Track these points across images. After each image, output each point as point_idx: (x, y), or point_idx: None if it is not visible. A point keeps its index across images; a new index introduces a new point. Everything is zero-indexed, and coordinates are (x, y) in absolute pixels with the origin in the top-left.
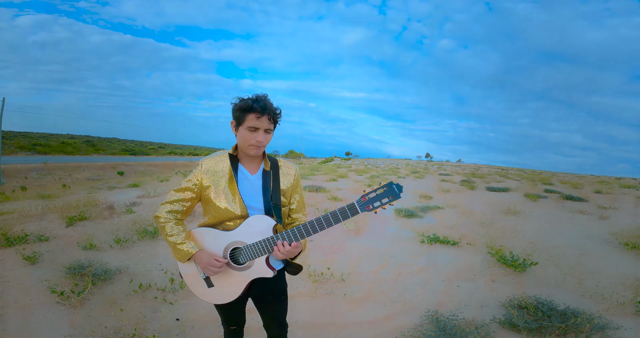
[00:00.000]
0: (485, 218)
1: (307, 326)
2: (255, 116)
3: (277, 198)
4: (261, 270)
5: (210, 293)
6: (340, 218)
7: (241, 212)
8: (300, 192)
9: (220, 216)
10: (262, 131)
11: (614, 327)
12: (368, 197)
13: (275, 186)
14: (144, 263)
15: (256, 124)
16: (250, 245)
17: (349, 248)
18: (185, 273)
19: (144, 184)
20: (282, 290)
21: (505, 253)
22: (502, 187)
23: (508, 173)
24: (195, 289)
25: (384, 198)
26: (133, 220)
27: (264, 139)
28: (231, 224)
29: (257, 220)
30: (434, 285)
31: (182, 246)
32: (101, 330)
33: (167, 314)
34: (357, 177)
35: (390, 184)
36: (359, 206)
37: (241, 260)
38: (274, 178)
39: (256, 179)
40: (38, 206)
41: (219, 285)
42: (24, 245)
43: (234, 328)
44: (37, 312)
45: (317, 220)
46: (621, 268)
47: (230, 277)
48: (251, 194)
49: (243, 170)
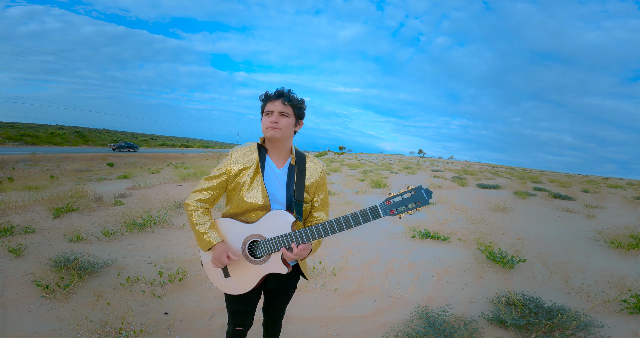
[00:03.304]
0: (475, 214)
1: (298, 320)
2: (270, 102)
3: (300, 193)
4: (276, 265)
5: (225, 283)
6: (360, 221)
7: (263, 204)
8: (325, 191)
9: (242, 207)
10: (276, 113)
11: (598, 325)
12: (393, 201)
13: (299, 181)
14: (132, 256)
15: (270, 107)
16: (268, 240)
17: (341, 243)
18: (205, 261)
19: (134, 176)
20: (293, 285)
21: (494, 249)
22: (492, 184)
23: (499, 170)
24: (213, 277)
25: (410, 203)
26: (122, 211)
27: (278, 120)
28: (253, 215)
29: (276, 215)
30: (424, 281)
31: (206, 237)
32: (87, 324)
33: (155, 308)
34: (350, 171)
35: (419, 188)
36: (381, 209)
37: (258, 254)
38: (299, 173)
39: (282, 173)
40: (25, 197)
41: (235, 275)
42: (9, 237)
43: (240, 329)
44: (22, 306)
45: (337, 221)
46: (607, 267)
47: (246, 269)
48: (276, 188)
49: (270, 162)
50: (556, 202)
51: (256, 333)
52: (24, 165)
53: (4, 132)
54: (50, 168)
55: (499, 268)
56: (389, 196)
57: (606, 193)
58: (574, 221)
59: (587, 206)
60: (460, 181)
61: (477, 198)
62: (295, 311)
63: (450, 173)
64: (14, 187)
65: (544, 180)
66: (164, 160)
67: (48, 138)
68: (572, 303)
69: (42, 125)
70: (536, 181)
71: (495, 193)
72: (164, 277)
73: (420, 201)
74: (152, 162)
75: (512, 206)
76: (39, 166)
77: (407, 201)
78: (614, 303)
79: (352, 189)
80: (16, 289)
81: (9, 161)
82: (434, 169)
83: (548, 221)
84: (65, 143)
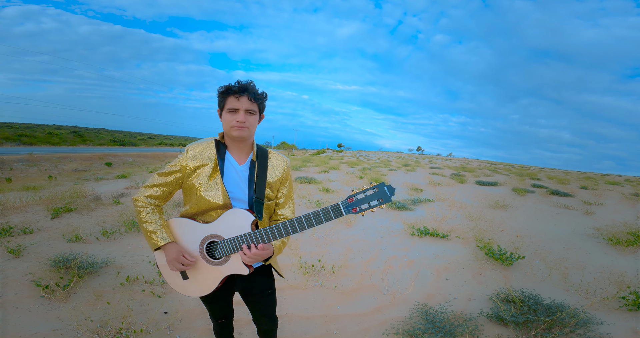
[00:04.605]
0: (474, 211)
1: (297, 318)
2: (234, 98)
3: (261, 191)
4: (237, 266)
5: (184, 286)
6: (322, 219)
7: (223, 202)
8: (289, 187)
9: (201, 206)
10: (243, 111)
11: (597, 322)
12: (356, 198)
13: (260, 178)
14: (131, 256)
15: (235, 105)
16: (227, 240)
17: (340, 241)
18: (161, 263)
19: (133, 175)
20: (269, 285)
21: (493, 246)
22: (491, 181)
23: (497, 167)
24: (170, 280)
25: (373, 200)
26: (120, 211)
27: (245, 119)
28: (214, 214)
29: (234, 214)
30: (424, 278)
31: (154, 236)
32: (87, 323)
33: (155, 307)
34: (348, 169)
35: (382, 185)
36: (344, 207)
37: (217, 255)
38: (260, 170)
39: (243, 170)
40: (23, 197)
41: (193, 278)
42: (8, 238)
43: (222, 321)
44: (22, 306)
45: (297, 219)
46: (605, 264)
47: (205, 271)
48: (237, 185)
49: (230, 159)
50: (555, 199)
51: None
52: (22, 165)
53: (1, 132)
54: (48, 168)
55: (498, 265)
56: (351, 193)
57: (604, 190)
58: (573, 218)
59: (586, 203)
60: (459, 178)
61: (475, 195)
62: (295, 309)
63: (449, 170)
64: (12, 187)
65: (543, 177)
66: (162, 159)
67: (46, 138)
68: (571, 300)
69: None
70: (535, 178)
71: (494, 190)
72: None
73: (383, 198)
74: (151, 161)
75: (511, 203)
76: (36, 166)
77: (370, 199)
78: (613, 300)
79: (350, 186)
80: (16, 289)
81: (6, 161)
82: (432, 166)
83: (547, 218)
84: (62, 142)
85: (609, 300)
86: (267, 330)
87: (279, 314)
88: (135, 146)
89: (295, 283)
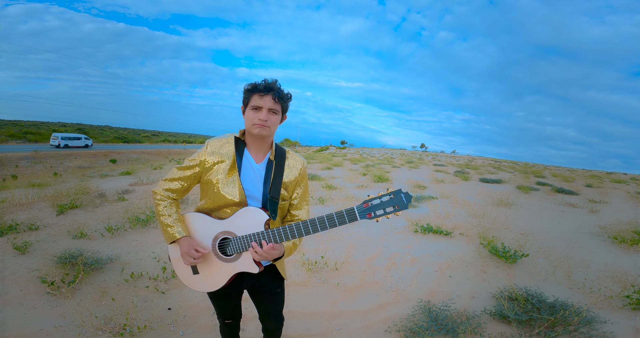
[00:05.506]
0: (478, 209)
1: (300, 315)
2: (258, 96)
3: (276, 191)
4: (247, 264)
5: (194, 280)
6: (336, 223)
7: (239, 200)
8: (304, 188)
9: (217, 202)
10: (266, 110)
11: (601, 321)
12: (371, 203)
13: (277, 177)
14: (136, 252)
15: (259, 103)
16: (239, 238)
17: (343, 237)
18: (173, 256)
19: (137, 172)
20: (278, 284)
21: (497, 244)
22: (495, 179)
23: (501, 165)
24: (181, 274)
25: (388, 207)
26: (125, 207)
27: (267, 118)
28: (229, 211)
29: (248, 212)
30: (427, 275)
31: (170, 229)
32: (92, 320)
33: (159, 303)
34: (352, 166)
35: (399, 192)
36: (359, 212)
37: (229, 252)
38: (277, 169)
39: (260, 169)
40: (29, 194)
41: (204, 273)
42: (14, 234)
43: (229, 321)
44: (27, 303)
45: (311, 221)
46: (610, 262)
47: (215, 267)
48: (253, 183)
49: (249, 157)
50: (559, 197)
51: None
52: (28, 163)
53: (6, 130)
54: (54, 165)
55: (502, 263)
56: (367, 198)
57: (610, 188)
58: (577, 216)
59: (591, 201)
60: (462, 176)
61: (479, 192)
62: (298, 306)
63: (452, 167)
64: (18, 184)
65: (547, 175)
66: (166, 156)
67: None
68: (574, 299)
69: (45, 122)
70: (539, 175)
71: (498, 188)
72: (168, 273)
73: (399, 205)
74: (155, 158)
75: (515, 200)
76: (42, 163)
77: (385, 205)
78: (617, 299)
79: (354, 183)
80: (21, 286)
81: (12, 158)
82: (436, 163)
83: (551, 216)
84: None
85: (613, 299)
86: (272, 329)
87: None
88: (139, 143)
89: (298, 279)
